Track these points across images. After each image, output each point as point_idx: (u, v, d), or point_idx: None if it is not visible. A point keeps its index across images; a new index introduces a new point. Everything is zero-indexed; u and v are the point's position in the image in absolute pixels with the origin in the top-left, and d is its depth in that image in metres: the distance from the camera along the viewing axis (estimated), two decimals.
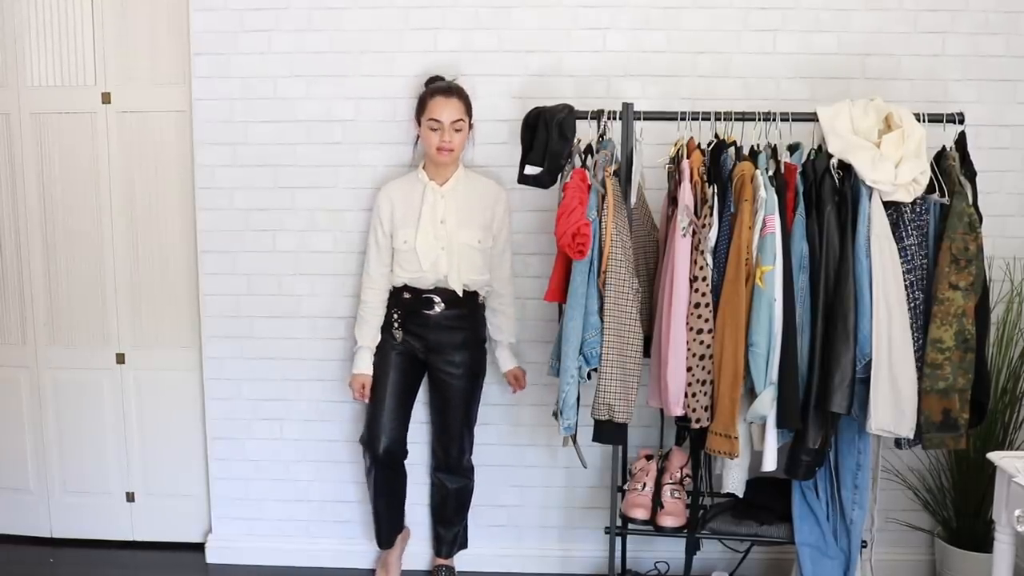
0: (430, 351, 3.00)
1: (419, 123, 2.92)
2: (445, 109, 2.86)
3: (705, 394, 2.53)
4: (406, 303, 2.98)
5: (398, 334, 2.99)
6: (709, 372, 2.52)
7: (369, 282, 3.01)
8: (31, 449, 3.52)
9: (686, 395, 2.54)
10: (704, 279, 2.52)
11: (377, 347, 3.03)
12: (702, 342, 2.51)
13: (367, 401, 3.03)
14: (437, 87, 2.94)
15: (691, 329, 2.52)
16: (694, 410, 2.53)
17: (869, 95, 2.67)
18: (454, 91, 2.91)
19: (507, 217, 3.04)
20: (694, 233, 2.53)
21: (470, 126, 2.96)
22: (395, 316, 2.99)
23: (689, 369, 2.53)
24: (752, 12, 3.07)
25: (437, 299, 2.94)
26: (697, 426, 2.54)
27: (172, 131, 3.32)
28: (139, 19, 3.27)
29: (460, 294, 2.93)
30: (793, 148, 2.64)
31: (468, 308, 2.99)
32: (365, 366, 3.02)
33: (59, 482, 3.53)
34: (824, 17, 3.06)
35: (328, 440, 3.32)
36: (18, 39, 3.31)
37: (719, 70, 3.09)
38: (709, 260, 2.52)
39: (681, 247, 2.52)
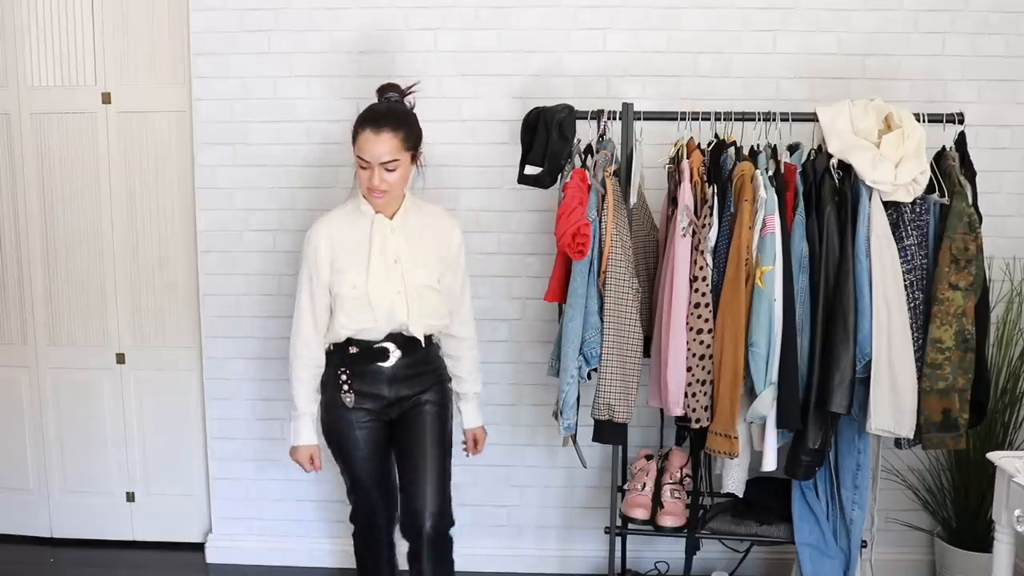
0: (390, 407, 2.53)
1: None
2: (373, 147, 2.36)
3: (705, 394, 2.53)
4: (354, 359, 2.49)
5: (349, 399, 2.49)
6: (709, 372, 2.52)
7: (302, 341, 2.49)
8: (31, 449, 3.52)
9: (686, 395, 2.54)
10: (704, 279, 2.52)
11: (333, 423, 2.53)
12: (702, 342, 2.51)
13: (316, 470, 2.58)
14: (367, 116, 2.41)
15: (691, 329, 2.52)
16: (694, 410, 2.53)
17: (869, 95, 2.67)
18: (386, 123, 2.38)
19: (463, 250, 2.61)
20: (694, 233, 2.53)
21: (415, 157, 2.47)
22: (343, 378, 2.49)
23: (689, 369, 2.53)
24: (752, 12, 3.07)
25: (392, 347, 2.48)
26: (697, 426, 2.55)
27: (172, 131, 3.32)
28: (139, 19, 3.27)
29: (423, 342, 2.52)
30: (793, 148, 2.64)
31: (427, 352, 2.55)
32: (308, 436, 2.53)
33: (59, 482, 3.53)
34: (824, 17, 3.06)
35: None
36: (18, 39, 3.31)
37: (719, 70, 3.09)
38: (709, 260, 2.52)
39: (681, 247, 2.52)
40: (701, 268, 2.52)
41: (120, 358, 3.45)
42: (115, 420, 3.48)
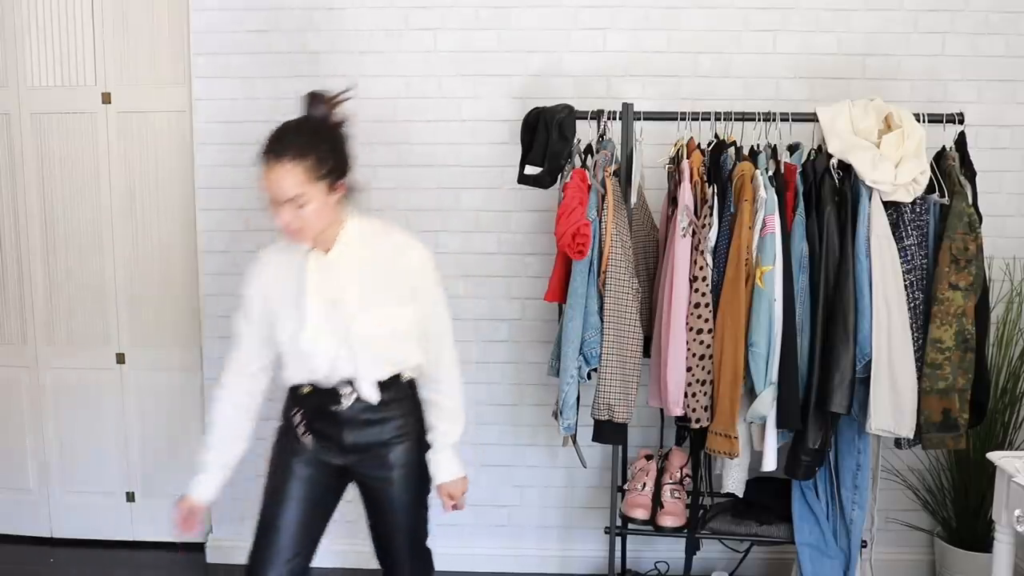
0: (347, 452, 2.16)
1: None
2: (272, 181, 1.95)
3: (705, 394, 2.53)
4: (306, 399, 2.15)
5: (308, 440, 2.16)
6: (709, 372, 2.52)
7: (221, 383, 2.20)
8: (31, 449, 3.52)
9: (686, 395, 2.54)
10: (704, 279, 2.52)
11: (278, 451, 2.21)
12: (702, 342, 2.51)
13: (185, 529, 2.23)
14: (264, 146, 1.97)
15: (691, 329, 2.52)
16: (694, 410, 2.53)
17: (869, 95, 2.67)
18: (286, 150, 1.94)
19: (429, 273, 2.12)
20: (694, 233, 2.53)
21: (335, 183, 2.01)
22: (297, 418, 2.18)
23: (689, 369, 2.53)
24: (752, 12, 3.07)
25: (347, 390, 2.10)
26: (697, 426, 2.55)
27: (172, 131, 3.32)
28: (139, 19, 3.28)
29: (374, 399, 2.11)
30: (793, 148, 2.65)
31: (395, 392, 2.14)
32: (197, 491, 2.19)
33: (59, 482, 3.53)
34: (824, 17, 3.06)
35: None
36: (18, 39, 3.31)
37: (719, 70, 3.09)
38: (709, 260, 2.52)
39: (681, 247, 2.52)
40: (701, 268, 2.52)
41: (120, 358, 3.45)
42: (115, 420, 3.48)
